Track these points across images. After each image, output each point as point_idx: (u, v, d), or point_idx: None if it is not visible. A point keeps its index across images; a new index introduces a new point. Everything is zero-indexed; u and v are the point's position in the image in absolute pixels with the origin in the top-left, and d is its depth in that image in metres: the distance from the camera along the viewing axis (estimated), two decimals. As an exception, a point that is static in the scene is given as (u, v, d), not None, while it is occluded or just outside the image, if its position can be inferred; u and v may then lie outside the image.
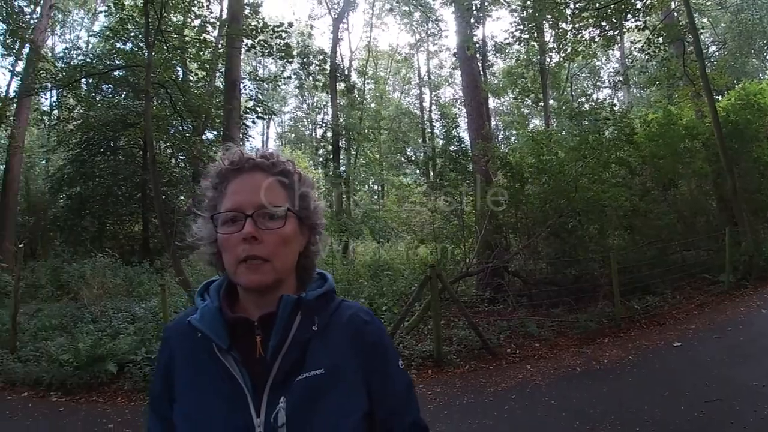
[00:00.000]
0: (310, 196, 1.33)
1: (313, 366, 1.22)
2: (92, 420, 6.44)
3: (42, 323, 9.60)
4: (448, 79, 35.51)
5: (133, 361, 7.56)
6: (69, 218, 19.11)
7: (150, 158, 12.29)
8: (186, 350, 1.29)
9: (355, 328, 1.31)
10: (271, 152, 1.31)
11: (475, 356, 7.67)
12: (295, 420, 1.17)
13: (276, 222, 1.22)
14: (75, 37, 31.81)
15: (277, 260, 1.21)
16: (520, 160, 11.12)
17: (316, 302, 1.28)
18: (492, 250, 10.47)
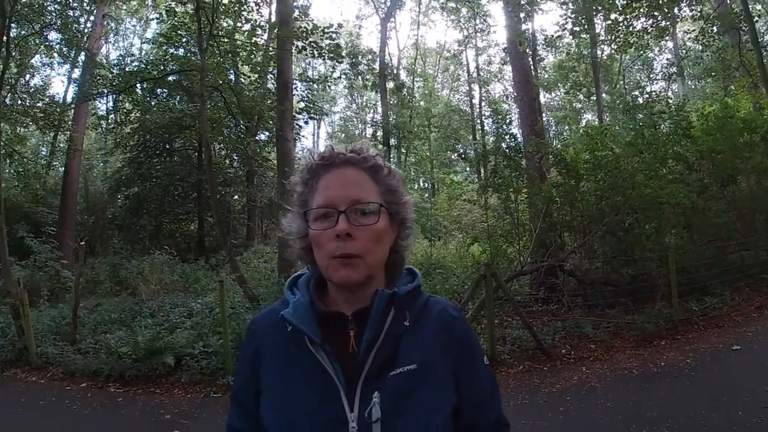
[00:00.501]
0: (400, 190, 1.30)
1: (405, 361, 1.22)
2: (149, 410, 6.67)
3: (102, 317, 9.98)
4: (497, 75, 35.11)
5: (190, 355, 7.80)
6: (127, 217, 19.75)
7: (206, 159, 12.62)
8: (276, 343, 1.30)
9: (444, 324, 1.31)
10: (361, 146, 1.29)
11: (529, 356, 7.60)
12: (389, 415, 1.17)
13: (369, 218, 1.21)
14: (128, 44, 32.86)
15: (370, 256, 1.21)
16: (575, 156, 10.90)
17: (408, 297, 1.27)
18: (546, 248, 10.31)
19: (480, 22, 30.13)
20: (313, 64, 33.52)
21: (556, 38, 17.89)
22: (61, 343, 9.10)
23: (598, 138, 10.85)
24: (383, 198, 1.25)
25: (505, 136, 12.22)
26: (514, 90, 29.47)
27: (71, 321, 9.27)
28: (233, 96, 14.78)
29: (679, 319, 8.57)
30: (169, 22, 16.56)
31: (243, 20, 14.72)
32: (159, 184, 19.44)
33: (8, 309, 9.49)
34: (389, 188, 1.27)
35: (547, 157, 11.28)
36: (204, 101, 12.33)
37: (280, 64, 13.63)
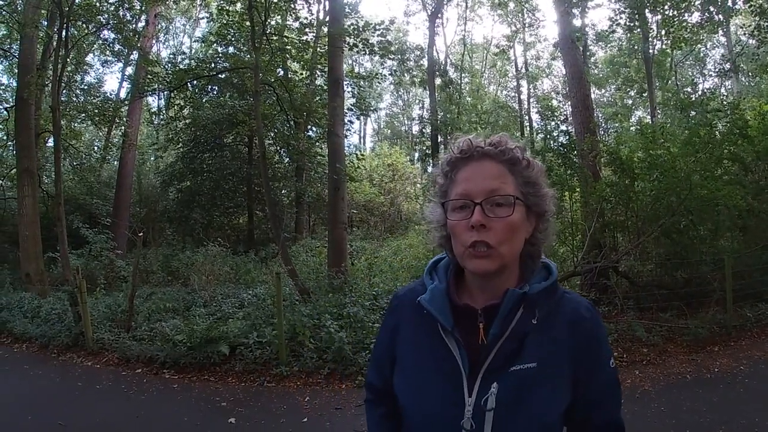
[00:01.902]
0: (539, 182, 1.32)
1: (528, 358, 1.26)
2: (205, 397, 6.74)
3: (156, 306, 10.12)
4: (545, 71, 34.60)
5: (244, 344, 7.88)
6: (179, 210, 20.18)
7: (260, 155, 12.70)
8: (412, 322, 1.41)
9: (574, 321, 1.32)
10: (500, 139, 1.31)
11: None
12: (503, 406, 1.22)
13: (504, 209, 1.24)
14: (178, 43, 33.56)
15: (504, 247, 1.24)
16: (629, 154, 10.59)
17: (539, 296, 1.29)
18: (599, 249, 10.06)
19: (528, 16, 29.70)
20: (360, 61, 33.63)
21: (610, 33, 17.38)
22: (116, 329, 9.28)
23: (653, 136, 10.49)
24: (520, 190, 1.28)
25: (554, 133, 11.86)
26: (565, 86, 28.92)
27: (128, 308, 9.46)
28: (286, 92, 14.83)
29: (732, 326, 8.39)
30: (220, 21, 16.77)
31: (293, 17, 14.80)
32: (210, 178, 19.76)
33: (66, 296, 9.66)
34: (527, 180, 1.29)
35: (602, 154, 11.00)
36: (258, 98, 12.43)
37: (331, 61, 13.59)
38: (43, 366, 8.44)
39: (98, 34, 16.37)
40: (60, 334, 9.44)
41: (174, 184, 20.80)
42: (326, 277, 11.28)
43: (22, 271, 13.81)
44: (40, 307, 10.92)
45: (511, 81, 36.26)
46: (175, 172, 20.35)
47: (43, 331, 9.73)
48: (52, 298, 11.48)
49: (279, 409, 6.20)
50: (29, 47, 15.11)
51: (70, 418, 5.97)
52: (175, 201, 20.93)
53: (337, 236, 12.16)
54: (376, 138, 45.54)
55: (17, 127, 15.29)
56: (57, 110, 13.08)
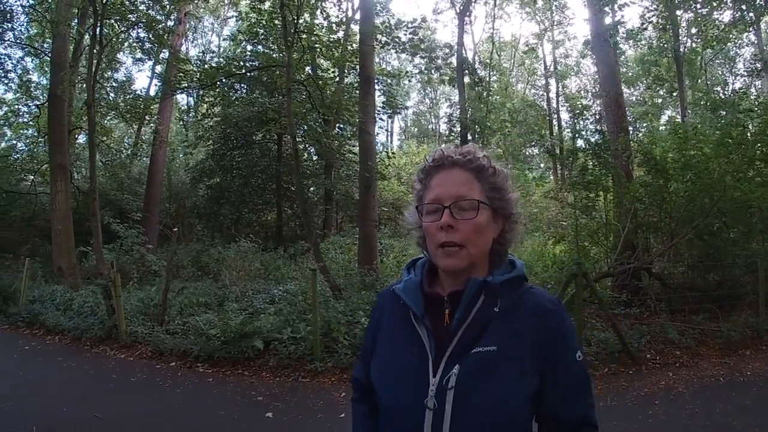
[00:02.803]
0: (504, 188, 1.43)
1: (488, 343, 1.33)
2: (240, 391, 6.67)
3: (189, 300, 10.13)
4: (574, 69, 34.12)
5: (278, 339, 7.83)
6: (208, 206, 20.51)
7: (293, 152, 12.74)
8: (392, 313, 1.51)
9: (537, 314, 1.37)
10: (469, 150, 1.42)
11: (615, 359, 7.39)
12: (463, 385, 1.29)
13: (469, 212, 1.36)
14: (207, 42, 33.79)
15: (471, 246, 1.36)
16: (663, 154, 10.42)
17: (501, 286, 1.37)
18: (632, 250, 9.95)
19: (557, 14, 29.33)
20: (387, 59, 33.49)
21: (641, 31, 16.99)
22: (149, 323, 9.28)
23: (686, 136, 10.29)
24: (486, 195, 1.40)
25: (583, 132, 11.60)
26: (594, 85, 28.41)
27: (161, 302, 9.45)
28: (318, 90, 14.80)
29: (764, 329, 8.31)
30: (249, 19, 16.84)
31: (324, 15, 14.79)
32: (240, 175, 19.97)
33: (100, 289, 9.69)
34: (493, 186, 1.42)
35: (635, 154, 10.88)
36: (290, 96, 12.39)
37: (362, 59, 13.54)
38: (76, 358, 8.45)
39: (129, 33, 16.44)
40: (93, 326, 9.46)
41: (204, 181, 21.11)
42: (357, 274, 11.20)
43: (55, 265, 13.96)
44: (72, 300, 11.00)
45: (539, 79, 35.85)
46: (205, 168, 20.63)
47: (76, 324, 9.76)
48: (84, 291, 11.56)
49: (315, 405, 6.12)
50: (62, 45, 15.33)
51: (105, 410, 5.92)
52: (204, 197, 21.25)
53: (367, 233, 12.07)
54: (403, 136, 45.55)
55: (50, 123, 15.47)
56: (92, 106, 13.21)
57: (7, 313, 11.47)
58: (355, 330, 7.83)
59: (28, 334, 10.35)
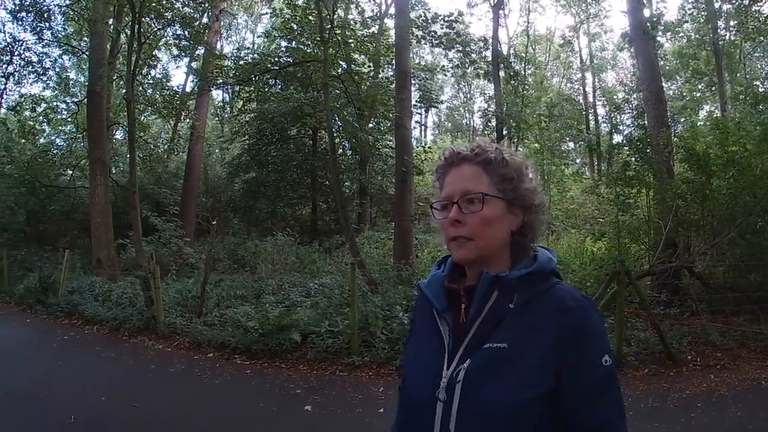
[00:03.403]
0: (518, 178, 1.39)
1: (499, 339, 1.29)
2: (279, 384, 6.64)
3: (226, 292, 10.18)
4: (610, 62, 33.48)
5: (316, 333, 7.81)
6: (244, 201, 20.66)
7: (330, 147, 12.78)
8: (421, 307, 1.52)
9: (559, 310, 1.29)
10: (479, 144, 1.41)
11: (655, 360, 7.19)
12: (471, 380, 1.27)
13: (475, 205, 1.34)
14: (241, 39, 34.03)
15: (480, 239, 1.34)
16: (705, 150, 10.08)
17: (518, 281, 1.32)
18: (673, 248, 9.68)
19: (593, 6, 28.80)
20: (421, 53, 33.29)
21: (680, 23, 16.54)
22: (187, 314, 9.34)
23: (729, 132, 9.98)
24: (497, 187, 1.37)
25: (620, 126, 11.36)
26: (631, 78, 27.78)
27: (200, 294, 9.51)
28: (355, 85, 14.77)
29: None
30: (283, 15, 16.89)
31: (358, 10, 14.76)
32: (275, 170, 20.08)
33: (139, 281, 9.77)
34: (504, 177, 1.38)
35: (678, 150, 10.53)
36: (327, 91, 12.37)
37: (398, 53, 13.46)
38: (115, 348, 8.53)
39: (165, 30, 16.60)
40: (132, 317, 9.57)
41: (240, 176, 21.24)
42: (393, 269, 11.11)
43: (94, 257, 14.20)
44: (111, 291, 11.15)
45: (575, 73, 35.28)
46: (241, 163, 20.82)
47: (115, 314, 9.88)
48: (122, 282, 11.69)
49: (354, 399, 6.06)
50: (99, 43, 15.55)
51: (144, 400, 5.93)
52: (240, 192, 21.38)
53: (403, 228, 11.98)
54: (437, 131, 45.27)
55: (89, 119, 15.75)
56: (131, 102, 13.34)
57: (47, 303, 11.71)
58: (392, 324, 7.74)
59: (66, 324, 10.54)
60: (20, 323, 10.85)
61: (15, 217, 18.08)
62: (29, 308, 12.00)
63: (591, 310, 1.32)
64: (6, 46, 17.23)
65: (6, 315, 11.77)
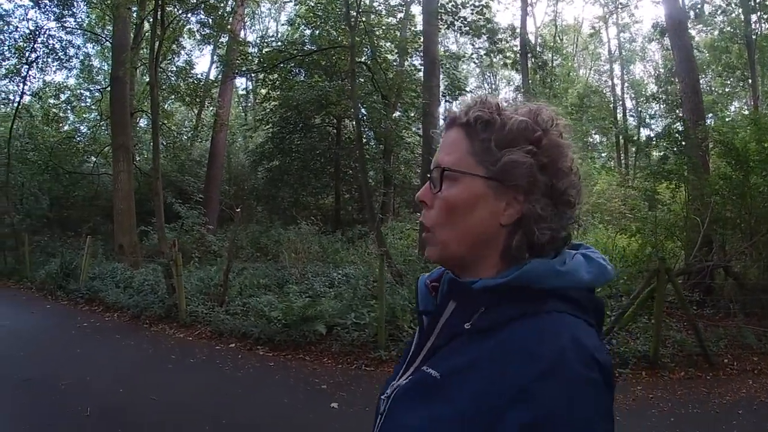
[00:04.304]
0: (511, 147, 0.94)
1: (436, 364, 0.94)
2: (303, 378, 6.44)
3: (249, 281, 9.99)
4: (639, 54, 32.79)
5: (341, 325, 7.60)
6: (267, 189, 20.73)
7: (356, 135, 12.56)
8: None
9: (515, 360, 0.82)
10: (479, 98, 1.01)
11: (692, 363, 6.90)
12: (398, 398, 0.98)
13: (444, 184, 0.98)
14: (264, 27, 33.87)
15: (441, 231, 0.98)
16: (744, 145, 9.59)
17: (482, 293, 0.92)
18: (708, 246, 9.33)
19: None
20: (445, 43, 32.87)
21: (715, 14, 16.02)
22: (209, 303, 9.18)
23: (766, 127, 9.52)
24: (476, 158, 0.96)
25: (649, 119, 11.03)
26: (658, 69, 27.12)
27: (222, 282, 9.35)
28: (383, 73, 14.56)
29: None
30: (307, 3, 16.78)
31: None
32: (298, 158, 20.05)
33: (161, 268, 9.62)
34: (488, 146, 0.95)
35: (716, 144, 10.07)
36: (354, 78, 12.13)
37: (426, 40, 13.16)
38: (135, 336, 8.38)
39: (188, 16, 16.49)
40: (153, 305, 9.42)
41: (263, 164, 21.28)
42: (418, 261, 10.83)
43: (116, 243, 14.17)
44: (132, 278, 11.01)
45: (603, 65, 34.61)
46: (265, 151, 20.79)
47: (136, 302, 9.74)
48: (144, 269, 11.58)
49: (380, 394, 5.75)
50: (122, 29, 15.56)
51: (162, 393, 5.72)
52: (263, 180, 21.47)
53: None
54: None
55: (112, 105, 15.79)
56: (155, 87, 13.25)
57: (67, 289, 11.64)
58: (420, 318, 7.44)
59: (87, 311, 10.44)
60: (40, 309, 10.75)
61: (38, 203, 18.14)
62: (50, 294, 11.92)
63: (572, 377, 0.80)
64: (29, 34, 17.17)
65: (27, 300, 11.72)
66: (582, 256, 0.95)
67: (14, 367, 6.52)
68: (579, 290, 0.91)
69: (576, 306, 0.90)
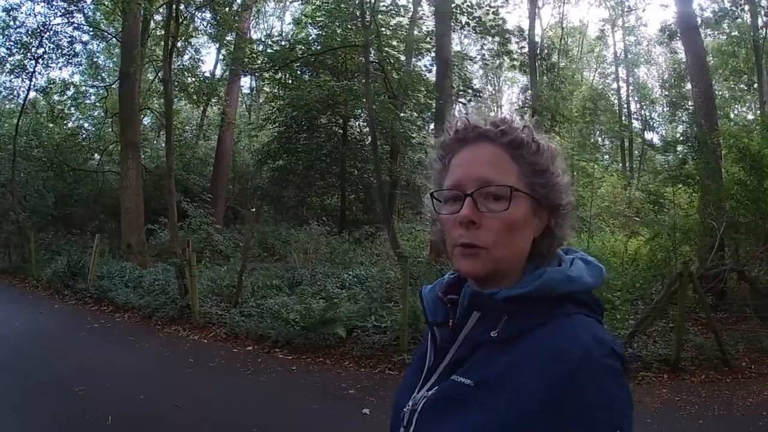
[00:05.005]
0: (551, 170, 1.03)
1: (467, 372, 0.97)
2: (329, 383, 6.33)
3: (263, 282, 9.91)
4: (644, 57, 32.84)
5: (361, 328, 7.54)
6: (272, 189, 20.80)
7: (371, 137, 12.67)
8: None
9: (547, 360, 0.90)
10: (505, 118, 1.06)
11: (711, 366, 6.93)
12: (428, 410, 1.00)
13: (499, 204, 0.99)
14: (269, 27, 33.81)
15: (498, 249, 0.98)
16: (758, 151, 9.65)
17: (506, 303, 0.97)
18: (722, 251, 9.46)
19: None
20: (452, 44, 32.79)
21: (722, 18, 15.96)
22: (222, 303, 9.08)
23: None
24: (526, 180, 1.01)
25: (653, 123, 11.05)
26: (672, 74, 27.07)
27: (236, 283, 9.23)
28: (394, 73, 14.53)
29: None
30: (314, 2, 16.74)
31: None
32: (304, 158, 20.11)
33: (174, 267, 9.56)
34: (536, 168, 1.02)
35: (730, 149, 10.13)
36: (368, 77, 12.06)
37: (438, 40, 13.14)
38: (149, 338, 8.23)
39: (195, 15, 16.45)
40: (165, 305, 9.27)
41: (268, 163, 21.29)
42: (432, 263, 10.75)
43: (124, 242, 14.05)
44: (142, 278, 10.89)
45: (608, 67, 34.60)
46: (271, 151, 20.80)
47: (147, 302, 9.58)
48: (153, 268, 11.46)
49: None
50: (133, 24, 15.37)
51: (186, 400, 5.56)
52: (268, 179, 21.57)
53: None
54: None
55: (121, 101, 15.68)
56: (168, 83, 13.16)
57: (75, 288, 11.47)
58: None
59: (96, 311, 10.28)
60: (48, 308, 10.57)
61: (44, 200, 17.96)
62: (57, 293, 11.74)
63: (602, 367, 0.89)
64: (36, 29, 17.01)
65: (33, 299, 11.53)
66: (582, 261, 1.04)
67: (27, 370, 6.33)
68: (586, 293, 1.00)
69: (586, 307, 0.98)
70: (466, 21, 13.32)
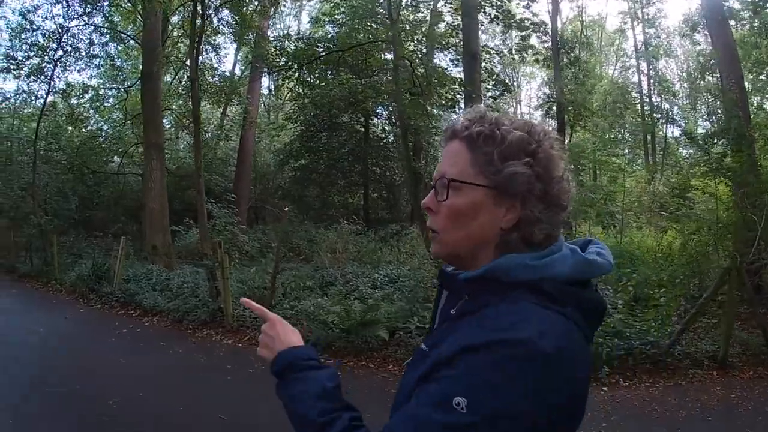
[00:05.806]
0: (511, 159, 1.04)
1: (427, 340, 1.15)
2: (376, 387, 6.08)
3: (295, 283, 9.68)
4: (665, 49, 32.24)
5: (404, 329, 7.28)
6: (294, 188, 20.76)
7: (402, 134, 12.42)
8: None
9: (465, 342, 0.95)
10: (480, 114, 1.11)
11: (760, 362, 6.74)
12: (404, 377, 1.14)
13: (442, 193, 1.09)
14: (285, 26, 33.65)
15: (447, 234, 1.10)
16: None
17: (466, 284, 1.06)
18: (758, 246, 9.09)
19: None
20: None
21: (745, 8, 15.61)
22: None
23: None
24: (480, 170, 1.07)
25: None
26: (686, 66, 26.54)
27: (270, 284, 8.95)
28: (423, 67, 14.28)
29: None
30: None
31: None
32: (326, 157, 20.12)
33: (204, 270, 9.32)
34: (490, 158, 1.07)
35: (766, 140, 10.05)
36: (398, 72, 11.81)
37: (466, 34, 12.85)
38: (182, 343, 7.96)
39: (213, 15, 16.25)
40: (196, 309, 9.00)
41: (290, 163, 21.24)
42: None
43: (148, 243, 13.88)
44: (169, 280, 10.66)
45: (628, 60, 34.01)
46: (293, 150, 20.76)
47: (176, 306, 9.32)
48: (180, 270, 11.26)
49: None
50: (154, 24, 15.24)
51: (230, 411, 5.23)
52: (290, 179, 21.57)
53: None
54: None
55: (144, 102, 15.51)
56: (195, 81, 12.97)
57: (100, 292, 11.26)
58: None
59: (123, 315, 10.03)
60: (74, 313, 10.33)
61: (67, 203, 17.85)
62: (82, 297, 11.50)
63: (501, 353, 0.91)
64: (54, 31, 16.86)
65: (58, 304, 11.33)
66: (569, 251, 1.06)
67: (55, 380, 6.04)
68: (553, 282, 0.99)
69: (546, 296, 0.98)
70: (495, 14, 12.96)
